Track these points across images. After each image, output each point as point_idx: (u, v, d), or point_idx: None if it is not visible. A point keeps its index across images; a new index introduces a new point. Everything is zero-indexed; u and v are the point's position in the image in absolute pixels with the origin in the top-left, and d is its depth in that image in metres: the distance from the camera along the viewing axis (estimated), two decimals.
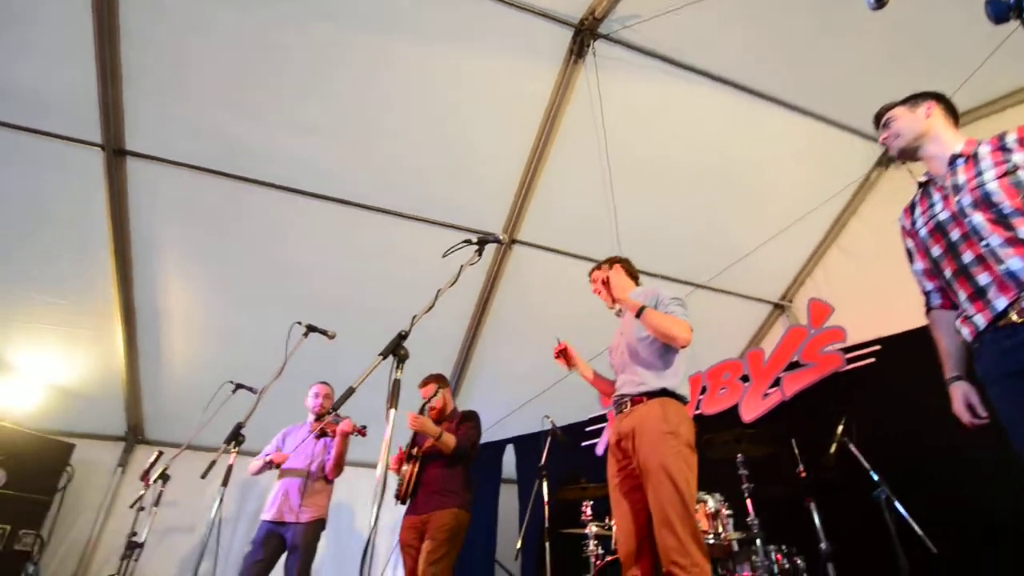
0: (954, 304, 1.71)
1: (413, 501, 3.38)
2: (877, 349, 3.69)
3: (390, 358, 1.81)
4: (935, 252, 1.69)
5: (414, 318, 1.89)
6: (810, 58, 3.88)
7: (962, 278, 1.60)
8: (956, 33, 3.51)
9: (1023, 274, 1.44)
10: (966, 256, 1.58)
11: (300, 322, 3.02)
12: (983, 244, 1.52)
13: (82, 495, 4.63)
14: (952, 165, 1.67)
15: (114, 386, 4.67)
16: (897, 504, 2.66)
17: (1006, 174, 1.53)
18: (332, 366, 3.90)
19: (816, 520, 2.87)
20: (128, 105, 3.64)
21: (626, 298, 2.48)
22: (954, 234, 1.61)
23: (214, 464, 2.75)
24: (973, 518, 2.80)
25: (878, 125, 1.89)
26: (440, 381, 3.68)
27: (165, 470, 3.14)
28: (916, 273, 1.85)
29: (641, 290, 2.63)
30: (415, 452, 3.47)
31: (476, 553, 4.89)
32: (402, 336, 1.82)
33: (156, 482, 3.11)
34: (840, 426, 2.93)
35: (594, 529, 3.50)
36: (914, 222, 1.80)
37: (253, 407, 2.78)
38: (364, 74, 3.75)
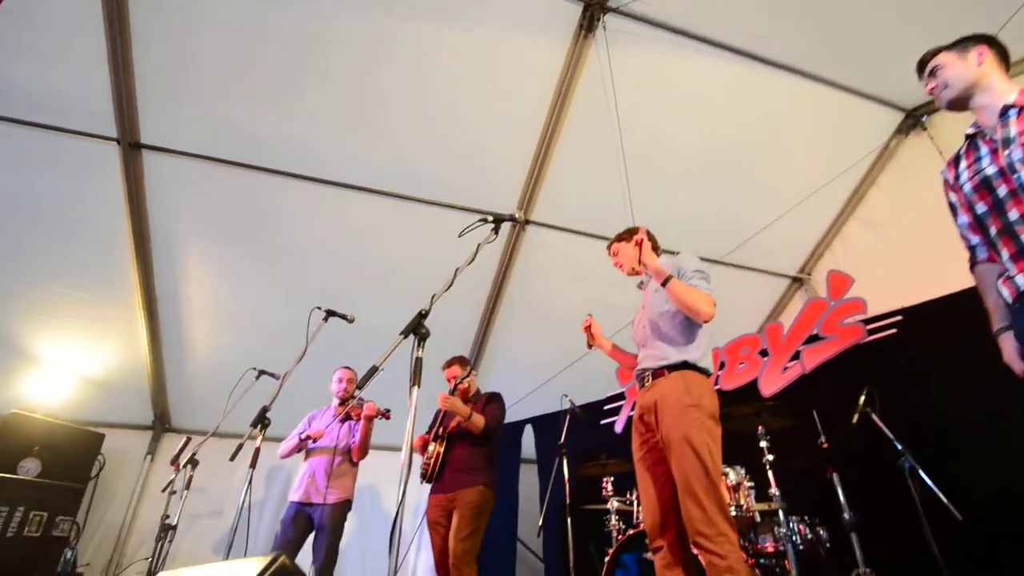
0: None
1: (440, 480, 3.43)
2: (899, 320, 3.64)
3: (411, 337, 1.83)
4: (979, 209, 1.61)
5: (433, 297, 1.91)
6: (826, 23, 3.77)
7: (1006, 237, 1.53)
8: None
9: None
10: (1012, 214, 1.50)
11: (320, 307, 3.05)
12: None
13: (114, 483, 4.77)
14: (1004, 116, 1.57)
15: (140, 376, 4.78)
16: (921, 473, 2.64)
17: None
18: (352, 350, 3.93)
19: (839, 490, 2.87)
20: (141, 99, 3.68)
21: (654, 264, 2.41)
22: (1001, 190, 1.53)
23: (242, 447, 2.80)
24: (999, 486, 2.78)
25: (922, 73, 1.75)
26: (464, 363, 3.72)
27: (194, 455, 3.22)
28: (961, 227, 1.76)
29: (664, 261, 2.58)
30: (441, 432, 3.51)
31: (498, 532, 4.95)
32: (422, 315, 1.84)
33: (186, 467, 3.18)
34: (862, 396, 2.91)
35: (615, 504, 3.53)
36: (958, 176, 1.70)
37: (277, 391, 2.83)
38: (371, 56, 3.73)
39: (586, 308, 3.14)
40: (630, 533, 3.16)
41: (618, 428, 4.80)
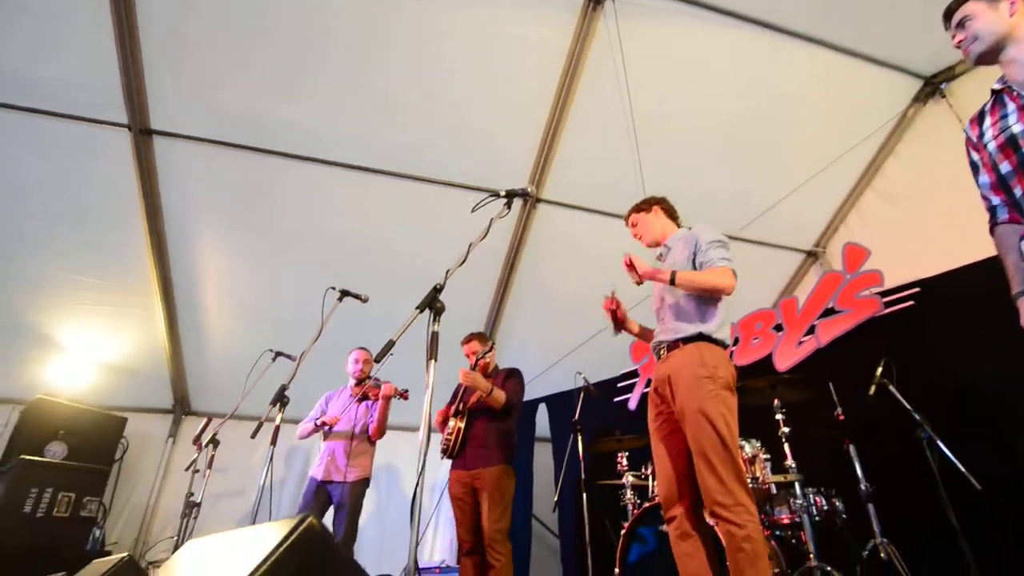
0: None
1: (461, 456, 3.43)
2: (916, 292, 3.59)
3: (427, 312, 1.84)
4: (1004, 168, 1.54)
5: (448, 271, 1.91)
6: None
7: None
8: None
9: None
10: None
11: (334, 287, 3.07)
12: None
13: (138, 465, 4.88)
14: None
15: (159, 361, 4.85)
16: (940, 443, 2.63)
17: None
18: (367, 330, 3.95)
19: (856, 462, 2.87)
20: (151, 84, 3.68)
21: (651, 272, 2.37)
22: None
23: (262, 425, 2.85)
24: (1018, 455, 2.76)
25: (948, 23, 1.66)
26: (483, 339, 3.71)
27: (215, 435, 3.28)
28: (982, 187, 1.69)
29: (683, 233, 2.56)
30: (461, 408, 3.51)
31: (514, 510, 4.97)
32: (437, 289, 1.85)
33: (207, 446, 3.25)
34: (879, 368, 2.89)
35: (630, 479, 3.56)
36: (982, 134, 1.62)
37: (294, 371, 2.87)
38: (378, 37, 3.71)
39: (598, 286, 3.13)
40: (646, 506, 3.19)
41: (632, 405, 4.81)
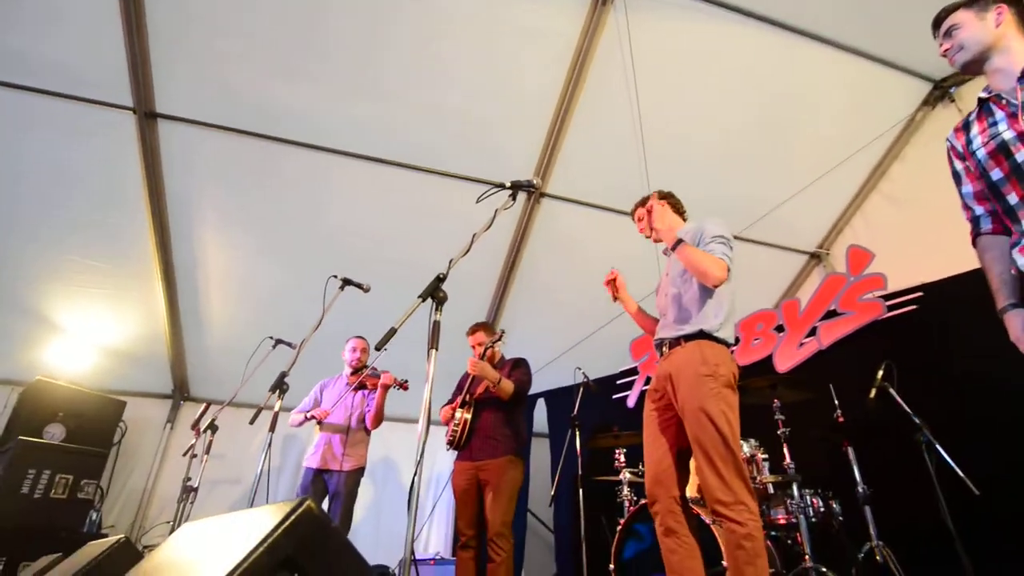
0: (1006, 229, 1.59)
1: (467, 447, 3.38)
2: (919, 296, 3.59)
3: (429, 301, 1.83)
4: (995, 175, 1.56)
5: (451, 261, 1.90)
6: None
7: None
8: None
9: None
10: None
11: (336, 276, 3.06)
12: None
13: (136, 449, 4.89)
14: (1022, 80, 1.52)
15: (159, 346, 4.85)
16: (938, 447, 2.62)
17: None
18: (366, 320, 3.95)
19: (854, 464, 2.87)
20: (157, 68, 3.67)
21: (664, 226, 2.44)
22: (1020, 155, 1.48)
23: (260, 411, 2.85)
24: (1017, 461, 2.75)
25: (936, 32, 1.69)
26: (489, 329, 3.66)
27: (213, 420, 3.28)
28: (965, 197, 1.71)
29: (690, 226, 2.55)
30: (468, 399, 3.46)
31: None
32: (440, 279, 1.84)
33: (205, 432, 3.25)
34: (880, 371, 2.88)
35: (627, 475, 3.56)
36: (969, 141, 1.64)
37: (294, 359, 2.86)
38: (384, 27, 3.69)
39: (600, 283, 3.12)
40: (642, 503, 3.18)
41: (630, 402, 4.81)
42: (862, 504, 2.78)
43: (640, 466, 3.55)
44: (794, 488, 2.88)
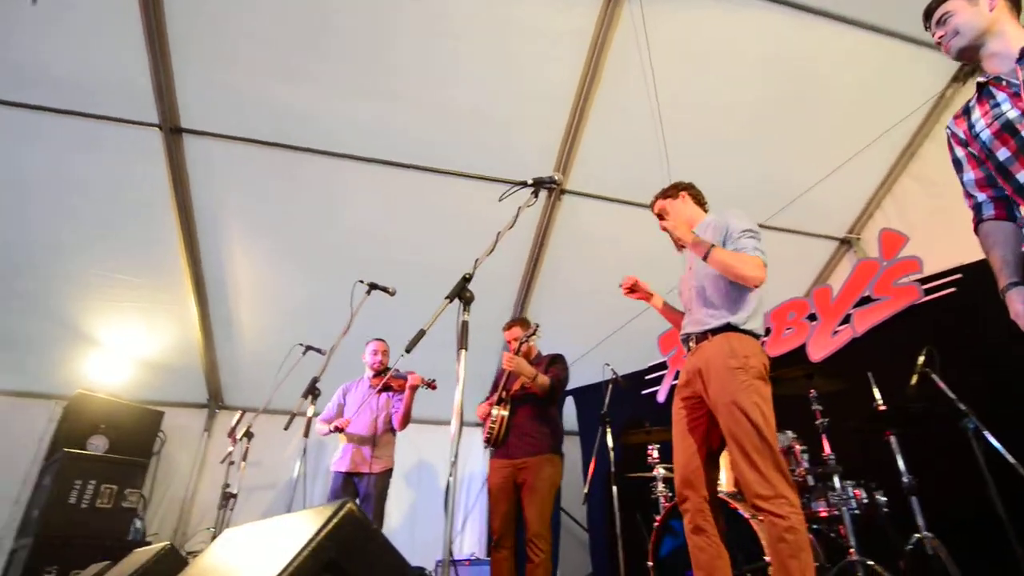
0: (1009, 215, 1.61)
1: (504, 444, 3.33)
2: (958, 278, 3.47)
3: (456, 302, 1.83)
4: (1002, 155, 1.54)
5: (477, 261, 1.90)
6: None
7: None
8: None
9: None
10: None
11: (362, 280, 3.09)
12: None
13: (175, 458, 5.01)
14: (1022, 60, 1.51)
15: (193, 356, 4.96)
16: (987, 433, 2.53)
17: None
18: (390, 323, 3.97)
19: (897, 454, 2.78)
20: (180, 84, 3.75)
21: (691, 239, 2.32)
22: None
23: (294, 417, 2.89)
24: None
25: (928, 21, 1.72)
26: (525, 324, 3.59)
27: (249, 428, 3.34)
28: (966, 184, 1.72)
29: (711, 219, 2.49)
30: (504, 395, 3.40)
31: None
32: (466, 279, 1.84)
33: (242, 439, 3.31)
34: (921, 356, 2.79)
35: (661, 471, 3.51)
36: (971, 126, 1.64)
37: (325, 363, 2.90)
38: (407, 31, 3.72)
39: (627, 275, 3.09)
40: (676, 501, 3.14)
41: (660, 397, 4.75)
42: (907, 494, 2.70)
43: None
44: (835, 480, 2.80)
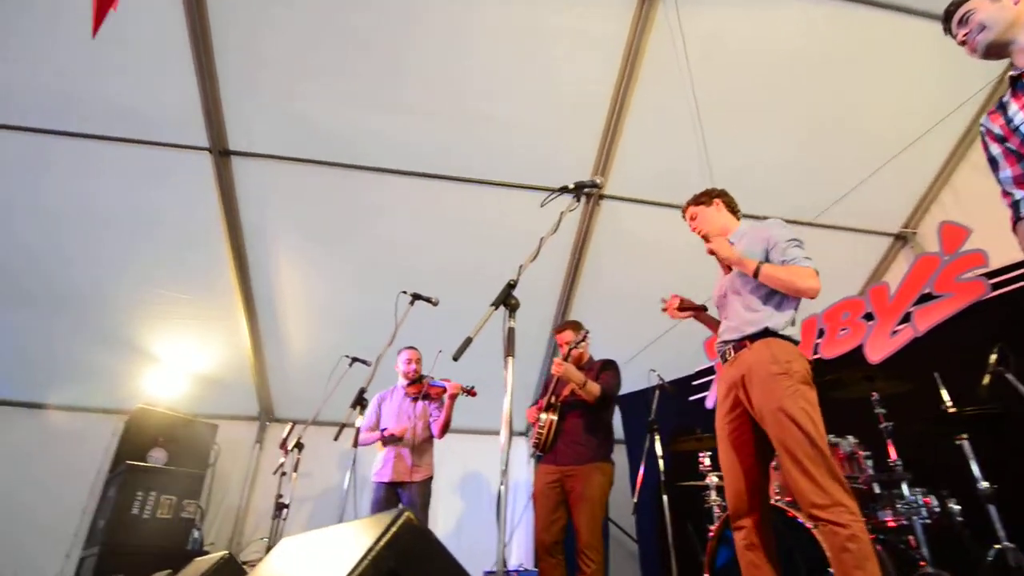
0: None
1: (552, 451, 3.26)
2: None
3: (501, 309, 1.82)
4: None
5: (521, 267, 1.89)
6: None
7: None
8: None
9: None
10: None
11: (405, 291, 3.12)
12: None
13: (229, 469, 5.16)
14: None
15: (244, 371, 5.12)
16: None
17: None
18: (433, 332, 3.99)
19: (971, 459, 2.61)
20: (227, 108, 3.90)
21: (736, 258, 2.24)
22: None
23: (343, 428, 2.93)
24: None
25: (950, 23, 1.67)
26: (577, 327, 3.49)
27: (300, 439, 3.40)
28: (1003, 182, 1.64)
29: (748, 229, 2.40)
30: (554, 401, 3.34)
31: None
32: (511, 285, 1.83)
33: (293, 450, 3.38)
34: (993, 355, 2.62)
35: (714, 480, 3.40)
36: (1009, 120, 1.57)
37: (371, 374, 2.93)
38: (441, 44, 3.78)
39: (667, 281, 3.01)
40: None
41: (709, 403, 4.62)
42: (984, 502, 2.53)
43: None
44: (903, 487, 2.65)
